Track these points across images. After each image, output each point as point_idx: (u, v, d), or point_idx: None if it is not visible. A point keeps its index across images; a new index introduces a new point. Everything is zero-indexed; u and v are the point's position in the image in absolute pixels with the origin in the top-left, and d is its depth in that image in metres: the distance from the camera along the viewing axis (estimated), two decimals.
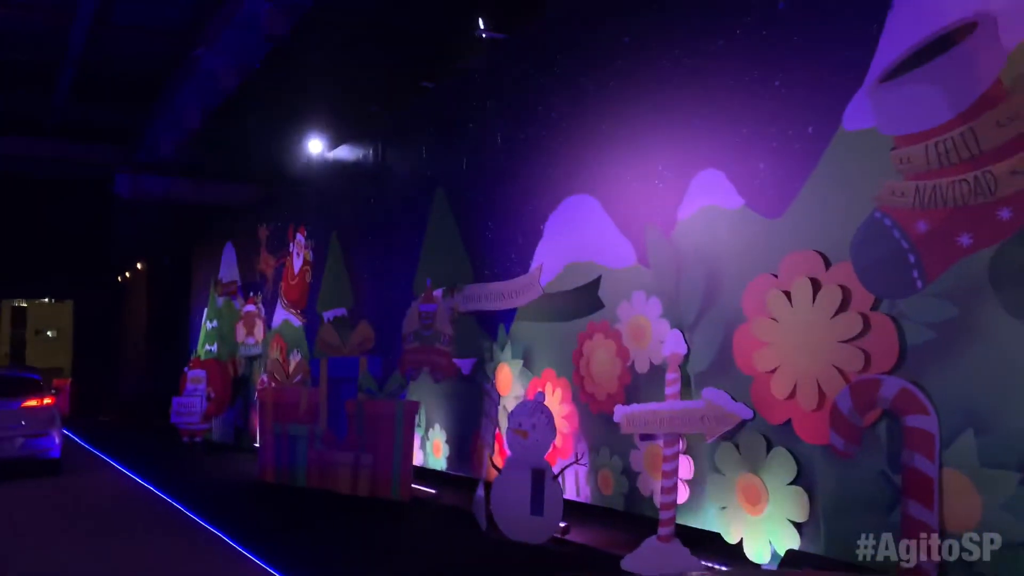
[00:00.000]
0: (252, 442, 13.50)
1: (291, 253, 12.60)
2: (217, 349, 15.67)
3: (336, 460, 9.41)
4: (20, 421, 11.06)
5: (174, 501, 9.03)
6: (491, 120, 8.38)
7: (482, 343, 8.30)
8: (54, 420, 11.44)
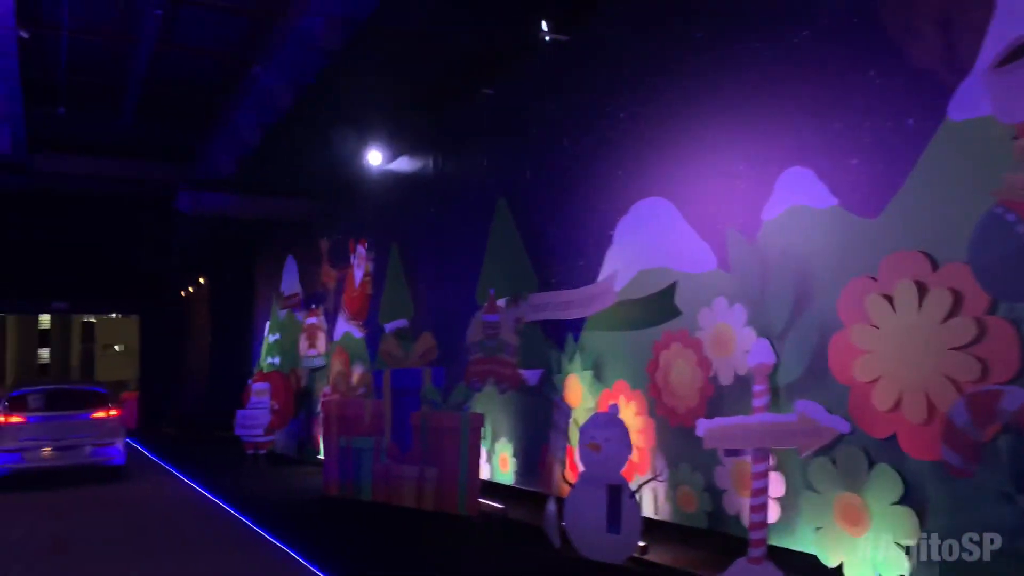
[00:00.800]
0: (315, 454, 13.43)
1: (352, 265, 12.51)
2: (280, 362, 15.69)
3: (401, 474, 9.21)
4: (89, 431, 12.01)
5: (239, 513, 8.94)
6: (554, 124, 8.11)
7: (549, 354, 8.00)
8: (119, 430, 12.38)
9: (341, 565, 6.47)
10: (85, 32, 19.70)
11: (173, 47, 20.86)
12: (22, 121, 22.04)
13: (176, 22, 19.52)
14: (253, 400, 13.70)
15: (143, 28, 19.12)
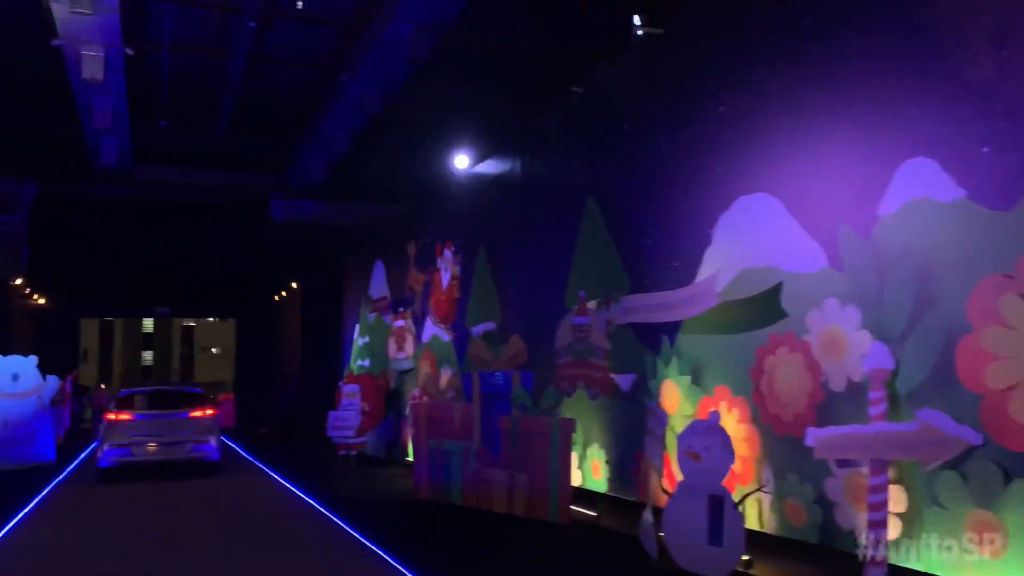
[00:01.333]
0: (404, 456, 13.49)
1: (439, 268, 12.51)
2: (369, 364, 15.87)
3: (491, 478, 9.09)
4: (187, 429, 12.88)
5: (332, 514, 8.98)
6: (648, 121, 7.84)
7: (643, 358, 7.73)
8: (214, 428, 13.21)
9: (434, 570, 6.37)
10: (184, 48, 20.49)
11: (265, 60, 21.47)
12: (128, 134, 23.10)
13: (268, 35, 20.07)
14: (344, 402, 13.87)
15: (238, 42, 19.75)
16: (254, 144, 26.55)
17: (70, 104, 21.01)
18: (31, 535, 8.41)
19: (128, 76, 19.41)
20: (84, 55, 17.89)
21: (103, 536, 8.28)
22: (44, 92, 21.54)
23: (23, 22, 18.41)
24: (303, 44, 20.24)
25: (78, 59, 17.98)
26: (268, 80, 22.23)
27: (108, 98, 20.54)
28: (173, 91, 22.25)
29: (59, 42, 17.84)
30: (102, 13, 16.09)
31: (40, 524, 9.06)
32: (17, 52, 20.05)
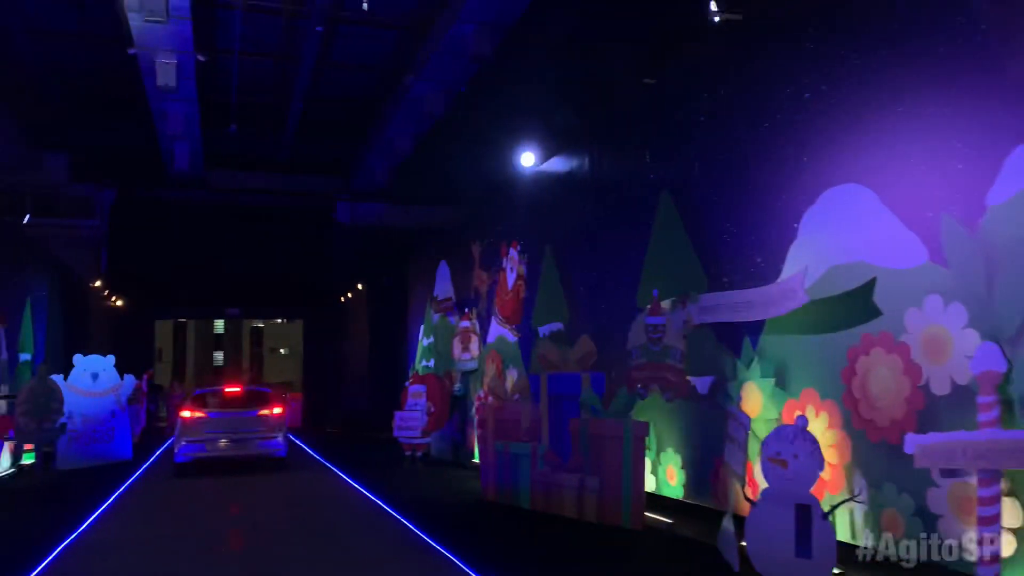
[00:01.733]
0: (470, 457, 13.34)
1: (504, 268, 12.32)
2: (434, 364, 15.80)
3: (560, 482, 8.84)
4: (256, 426, 13.55)
5: (399, 514, 8.86)
6: (725, 111, 7.49)
7: (722, 359, 7.38)
8: (281, 426, 13.86)
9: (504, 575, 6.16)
10: (253, 54, 20.84)
11: (331, 65, 21.71)
12: (199, 140, 23.63)
13: (333, 40, 20.29)
14: (410, 402, 13.80)
15: (304, 48, 19.98)
16: (320, 148, 26.96)
17: (145, 111, 21.63)
18: (114, 525, 8.54)
19: (199, 83, 19.87)
20: (158, 63, 18.38)
21: (178, 528, 8.36)
22: (121, 101, 22.23)
23: (102, 35, 19.01)
24: (367, 48, 20.42)
25: (152, 67, 18.49)
26: (333, 85, 22.51)
27: (181, 104, 21.09)
28: (242, 97, 22.71)
29: (135, 51, 18.35)
30: (175, 21, 16.50)
31: (121, 515, 9.21)
32: (97, 64, 20.72)
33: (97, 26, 18.48)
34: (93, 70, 20.85)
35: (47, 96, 21.99)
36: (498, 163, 13.76)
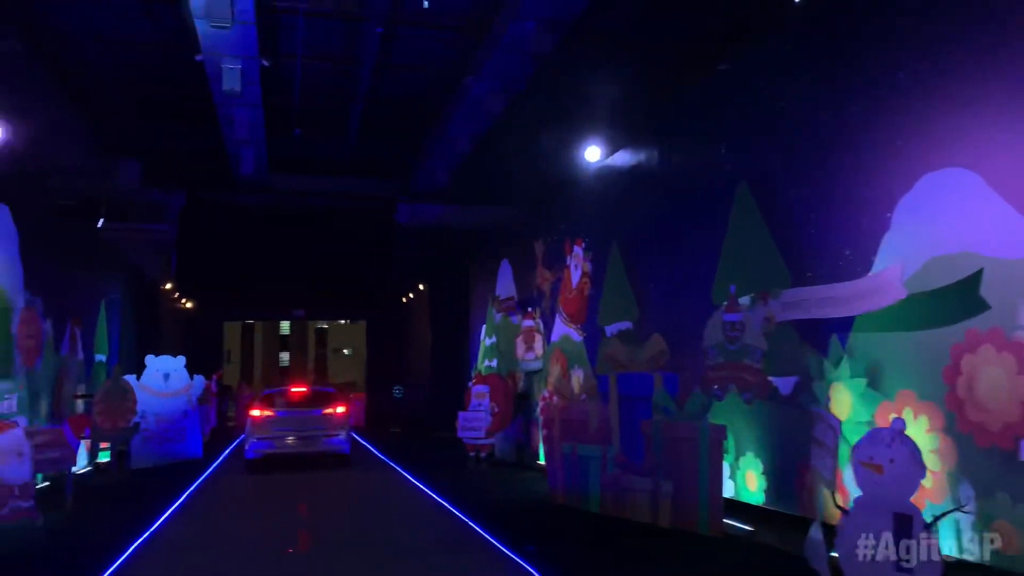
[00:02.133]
0: (535, 459, 13.09)
1: (568, 267, 12.02)
2: (496, 364, 15.59)
3: (633, 486, 8.51)
4: (321, 424, 14.05)
5: (466, 516, 8.66)
6: (809, 95, 7.06)
7: (806, 358, 6.95)
8: (345, 424, 14.36)
9: None
10: (315, 58, 21.01)
11: (391, 67, 21.70)
12: (264, 144, 23.95)
13: (393, 42, 20.24)
14: (473, 402, 13.62)
15: (364, 50, 20.01)
16: (380, 151, 27.06)
17: (213, 118, 22.01)
18: (184, 524, 8.56)
19: (264, 88, 20.12)
20: (224, 68, 18.63)
21: (246, 529, 8.32)
22: (190, 108, 22.65)
23: (171, 43, 19.41)
24: (426, 48, 20.33)
25: (219, 73, 18.77)
26: (393, 87, 22.52)
27: (246, 110, 21.34)
28: (305, 102, 22.90)
29: (202, 57, 18.66)
30: (239, 26, 16.68)
31: (192, 514, 9.25)
32: (167, 72, 21.15)
33: (167, 35, 18.81)
34: (163, 78, 21.28)
35: (120, 105, 22.57)
36: (561, 160, 13.48)
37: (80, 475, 12.92)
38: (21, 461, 8.58)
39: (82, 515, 9.62)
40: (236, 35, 17.29)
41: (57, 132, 21.95)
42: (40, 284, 11.35)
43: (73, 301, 13.37)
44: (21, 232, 10.63)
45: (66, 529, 8.81)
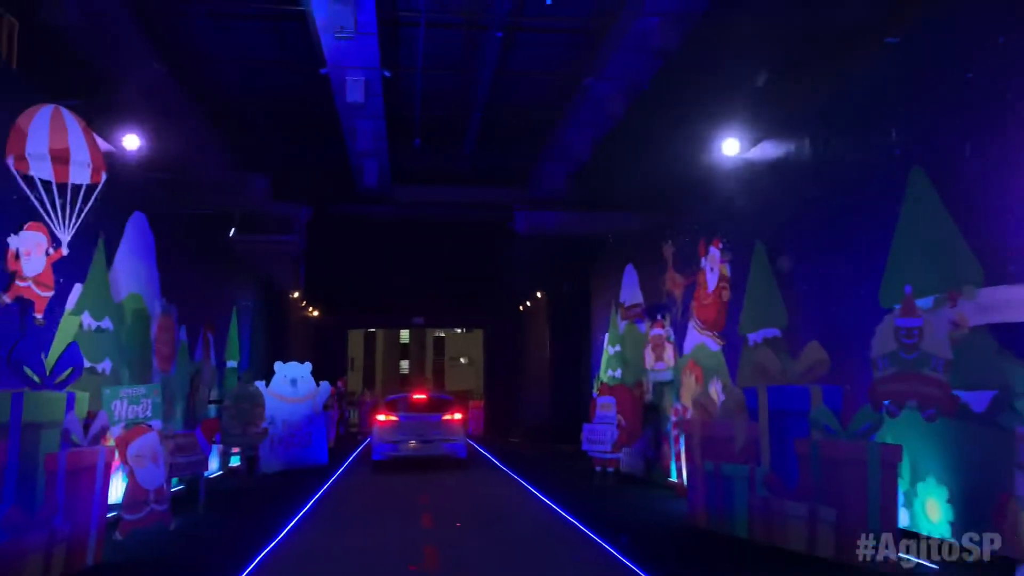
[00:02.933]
0: (665, 476, 12.21)
1: (703, 270, 11.12)
2: (621, 375, 14.80)
3: (786, 511, 7.56)
4: (440, 430, 14.91)
5: (599, 537, 7.96)
6: (1002, 64, 5.97)
7: (1006, 369, 5.85)
8: (461, 430, 15.28)
9: None
10: (434, 69, 20.99)
11: (509, 74, 21.40)
12: (386, 155, 24.17)
13: (511, 49, 19.90)
14: (599, 414, 12.88)
15: (483, 59, 19.78)
16: (498, 159, 26.84)
17: (337, 131, 22.40)
18: (311, 533, 8.31)
19: (385, 100, 20.23)
20: (348, 80, 18.84)
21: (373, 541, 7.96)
22: (315, 122, 23.17)
23: (297, 60, 19.84)
24: (544, 54, 19.88)
25: (343, 86, 18.99)
26: (511, 94, 22.19)
27: (369, 121, 21.59)
28: (425, 112, 22.96)
29: (326, 70, 18.93)
30: (362, 37, 16.76)
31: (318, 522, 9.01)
32: (293, 88, 21.67)
33: (293, 52, 19.29)
34: (290, 95, 21.87)
35: (250, 121, 23.37)
36: (691, 157, 12.61)
37: (212, 479, 13.10)
38: (156, 465, 8.57)
39: (214, 520, 9.59)
40: (359, 47, 17.43)
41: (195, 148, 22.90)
42: (176, 292, 11.53)
43: (207, 309, 13.62)
44: (158, 241, 10.80)
45: (198, 534, 8.76)
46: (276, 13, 17.98)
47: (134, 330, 10.08)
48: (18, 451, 6.20)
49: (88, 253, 8.84)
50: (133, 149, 9.67)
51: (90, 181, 7.92)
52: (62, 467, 6.66)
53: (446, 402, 16.05)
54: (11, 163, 7.17)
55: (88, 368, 8.77)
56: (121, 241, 9.76)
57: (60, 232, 7.73)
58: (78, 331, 8.48)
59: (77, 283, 8.52)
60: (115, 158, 9.73)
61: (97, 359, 8.98)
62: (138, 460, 8.39)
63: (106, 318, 9.22)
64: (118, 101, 10.37)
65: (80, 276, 8.59)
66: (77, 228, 7.95)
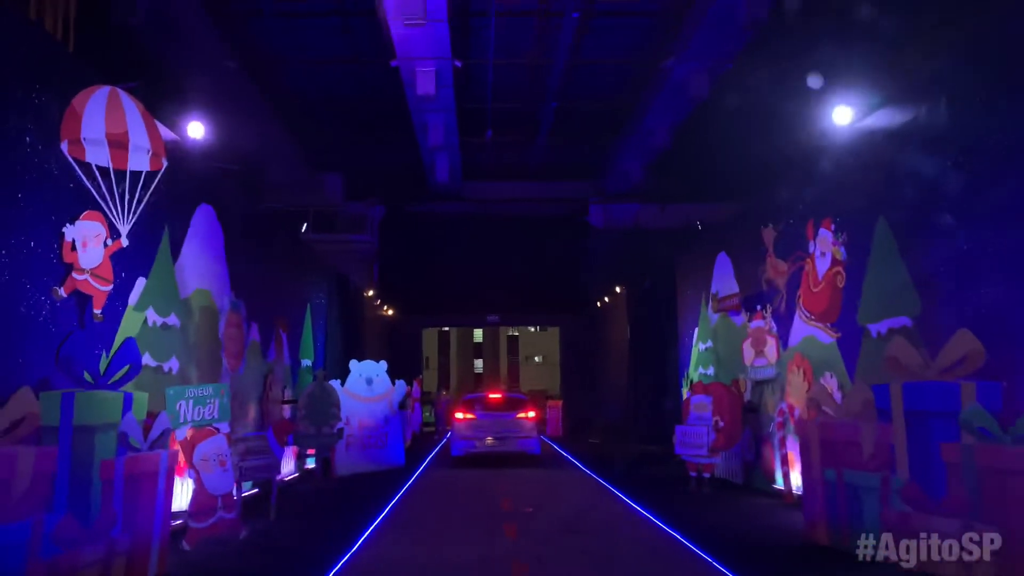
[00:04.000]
0: (767, 482, 11.04)
1: (812, 254, 9.91)
2: (713, 372, 13.64)
3: (930, 527, 6.37)
4: (515, 427, 15.57)
5: (707, 554, 6.93)
6: None
7: None
8: (536, 428, 16.00)
9: None
10: (506, 60, 20.19)
11: (583, 63, 20.40)
12: (457, 150, 23.50)
13: (585, 36, 18.93)
14: (692, 415, 11.79)
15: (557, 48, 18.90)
16: (571, 152, 25.92)
17: (408, 128, 21.87)
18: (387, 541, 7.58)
19: (456, 92, 19.55)
20: (418, 71, 18.21)
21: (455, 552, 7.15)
22: (386, 119, 22.76)
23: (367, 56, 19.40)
24: (620, 40, 18.84)
25: (413, 78, 18.38)
26: (585, 84, 21.24)
27: (440, 115, 20.98)
28: (496, 104, 22.23)
29: (396, 62, 18.33)
30: (432, 24, 16.08)
31: (395, 530, 8.28)
32: (364, 86, 21.30)
33: (364, 48, 18.87)
34: (361, 93, 21.56)
35: (323, 121, 23.15)
36: (792, 132, 11.41)
37: (287, 482, 12.58)
38: (224, 469, 7.98)
39: (286, 528, 8.98)
40: (428, 36, 16.77)
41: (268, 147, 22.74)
42: (245, 288, 11.01)
43: (279, 306, 13.11)
44: (226, 235, 10.27)
45: (269, 543, 8.14)
46: (346, 8, 17.54)
47: (202, 327, 9.57)
48: (70, 457, 5.63)
49: (152, 246, 8.32)
50: (197, 138, 9.15)
51: (150, 168, 7.36)
52: (119, 473, 6.08)
53: (520, 401, 16.55)
54: (65, 148, 6.63)
55: (154, 368, 8.26)
56: (187, 234, 9.23)
57: (119, 222, 7.18)
58: (141, 328, 7.95)
59: (140, 277, 7.99)
60: (180, 148, 9.22)
61: (163, 357, 8.45)
62: (204, 464, 7.81)
63: (172, 314, 8.70)
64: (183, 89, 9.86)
65: (143, 270, 8.07)
66: (138, 218, 7.41)
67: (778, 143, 11.84)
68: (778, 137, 11.82)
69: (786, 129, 11.34)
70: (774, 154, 12.28)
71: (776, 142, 12.06)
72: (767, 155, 12.89)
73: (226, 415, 8.22)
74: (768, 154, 12.82)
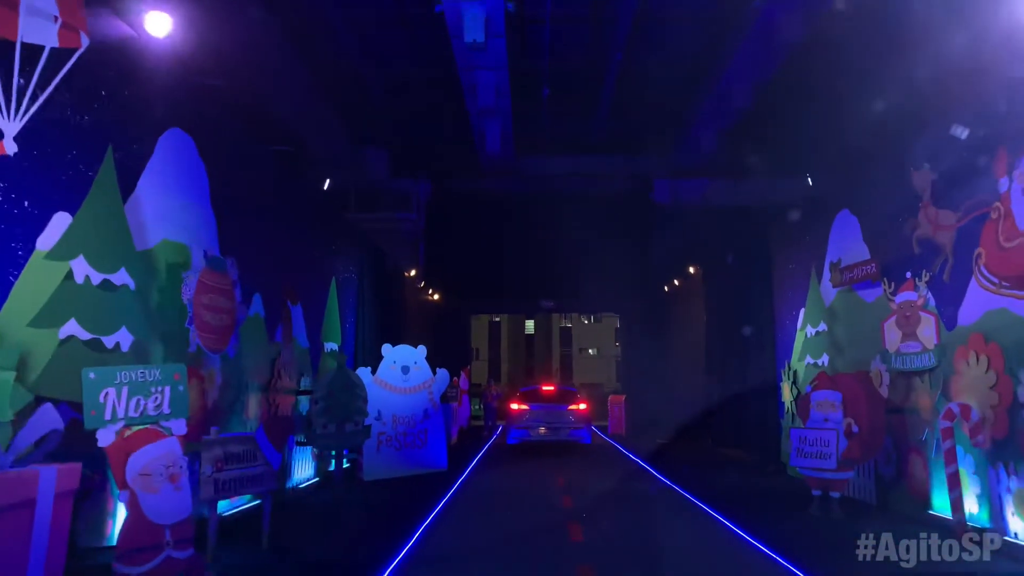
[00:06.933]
0: (920, 506, 8.05)
1: (1003, 196, 6.87)
2: (829, 361, 10.61)
3: None
4: (567, 419, 16.07)
5: None
6: None
7: None
8: (586, 419, 16.31)
9: None
10: (565, 20, 17.43)
11: (651, 19, 17.37)
12: (509, 114, 20.64)
13: None
14: (815, 416, 8.84)
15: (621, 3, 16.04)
16: (634, 123, 22.85)
17: (457, 94, 19.24)
18: None
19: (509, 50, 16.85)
20: (466, 16, 15.45)
21: None
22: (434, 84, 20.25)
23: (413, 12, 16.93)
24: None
25: (459, 22, 15.67)
26: (654, 44, 18.19)
27: (490, 73, 18.08)
28: (554, 65, 19.46)
29: (441, 7, 15.65)
30: None
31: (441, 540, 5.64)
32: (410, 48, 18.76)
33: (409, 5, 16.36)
34: (407, 53, 19.12)
35: (367, 89, 20.77)
36: (952, 33, 8.36)
37: (301, 490, 10.06)
38: (176, 487, 5.41)
39: (276, 565, 6.39)
40: None
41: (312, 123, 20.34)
42: (241, 248, 8.45)
43: (290, 276, 10.50)
44: (212, 176, 7.73)
45: None
46: None
47: (174, 293, 7.04)
48: None
49: (82, 169, 5.79)
50: (163, 36, 6.59)
51: (58, 44, 4.82)
52: None
53: (571, 393, 17.27)
54: None
55: (86, 341, 5.74)
56: (148, 164, 6.69)
57: (1, 118, 4.64)
58: (62, 285, 5.43)
59: (61, 211, 5.47)
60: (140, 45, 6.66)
61: (103, 329, 5.94)
62: (145, 481, 5.26)
63: (122, 269, 6.17)
64: None
65: (65, 202, 5.54)
66: (46, 119, 4.86)
67: (930, 54, 8.78)
68: (931, 46, 8.76)
69: (944, 31, 8.30)
70: (923, 73, 9.23)
71: (925, 55, 9.01)
72: (908, 81, 9.83)
73: (182, 410, 5.64)
74: (909, 79, 9.77)
